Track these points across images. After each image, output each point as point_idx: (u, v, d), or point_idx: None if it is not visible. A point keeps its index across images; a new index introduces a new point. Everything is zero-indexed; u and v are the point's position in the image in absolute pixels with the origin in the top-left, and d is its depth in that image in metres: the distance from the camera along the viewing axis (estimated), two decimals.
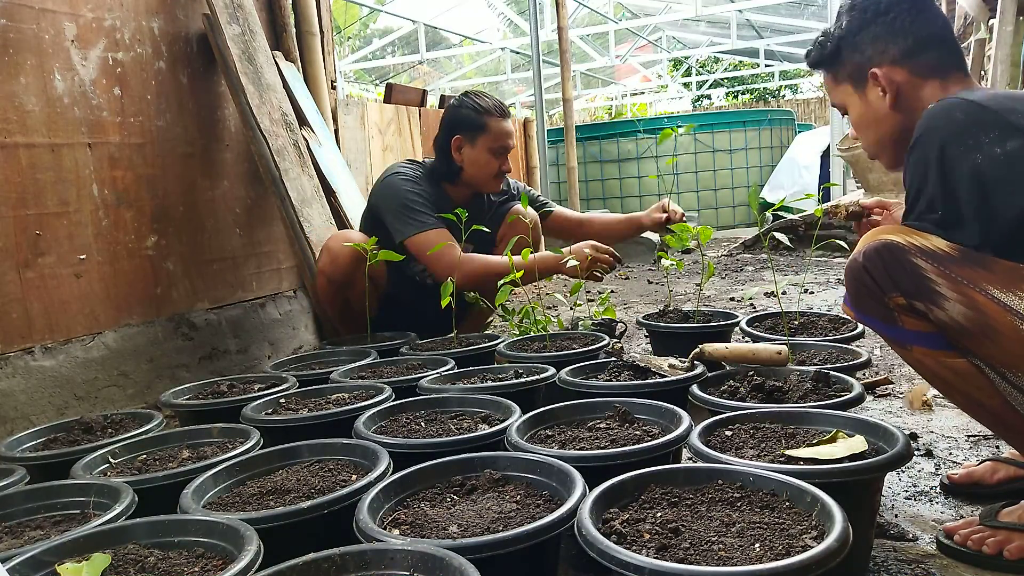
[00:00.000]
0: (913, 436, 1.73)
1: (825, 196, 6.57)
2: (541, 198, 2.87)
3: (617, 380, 1.66)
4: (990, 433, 1.73)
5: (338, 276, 2.42)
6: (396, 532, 1.02)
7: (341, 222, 2.94)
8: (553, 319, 2.44)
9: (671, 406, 1.37)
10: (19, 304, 2.06)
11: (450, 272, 2.20)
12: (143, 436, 1.50)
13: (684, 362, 1.65)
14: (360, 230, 2.59)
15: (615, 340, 2.15)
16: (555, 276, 2.99)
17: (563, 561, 1.10)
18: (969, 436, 1.72)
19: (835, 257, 4.97)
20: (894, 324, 1.15)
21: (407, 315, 2.49)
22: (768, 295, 3.56)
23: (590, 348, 1.94)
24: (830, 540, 0.84)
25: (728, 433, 1.28)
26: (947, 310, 1.07)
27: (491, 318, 2.91)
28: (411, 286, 2.55)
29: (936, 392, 2.00)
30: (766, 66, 14.52)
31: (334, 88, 3.50)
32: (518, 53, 12.27)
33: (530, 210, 2.57)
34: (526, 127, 5.78)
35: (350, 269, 2.39)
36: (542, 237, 2.45)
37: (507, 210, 2.65)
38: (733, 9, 10.32)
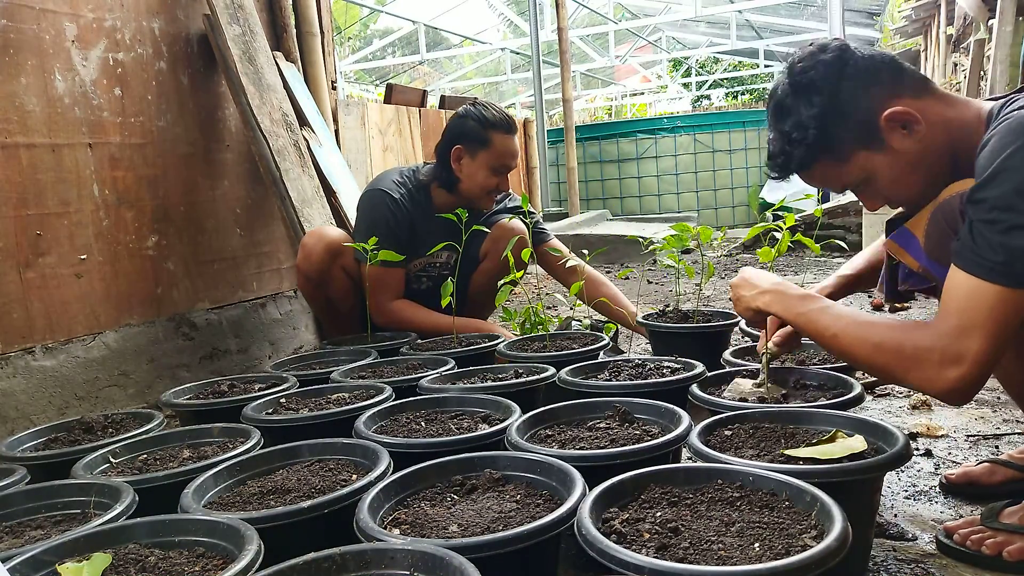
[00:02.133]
0: (913, 436, 1.74)
1: (824, 196, 6.57)
2: (536, 217, 2.62)
3: (616, 380, 1.66)
4: (989, 433, 1.73)
5: (312, 272, 2.38)
6: (396, 532, 1.02)
7: (341, 222, 2.95)
8: (553, 319, 2.45)
9: (671, 406, 1.37)
10: (20, 304, 2.06)
11: (379, 313, 2.31)
12: (144, 436, 1.50)
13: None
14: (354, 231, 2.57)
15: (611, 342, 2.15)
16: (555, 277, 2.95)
17: (563, 561, 1.10)
18: (968, 436, 1.72)
19: (834, 257, 4.97)
20: None
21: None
22: None
23: (590, 348, 1.94)
24: (829, 540, 0.84)
25: (728, 433, 1.28)
26: None
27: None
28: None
29: None
30: (766, 66, 14.54)
31: (334, 88, 3.50)
32: (518, 53, 12.28)
33: (517, 223, 2.47)
34: (526, 127, 5.79)
35: (323, 265, 2.36)
36: (530, 251, 2.32)
37: (494, 222, 2.51)
38: (733, 10, 10.33)
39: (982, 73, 5.62)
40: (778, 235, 1.78)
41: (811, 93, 1.20)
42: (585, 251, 2.39)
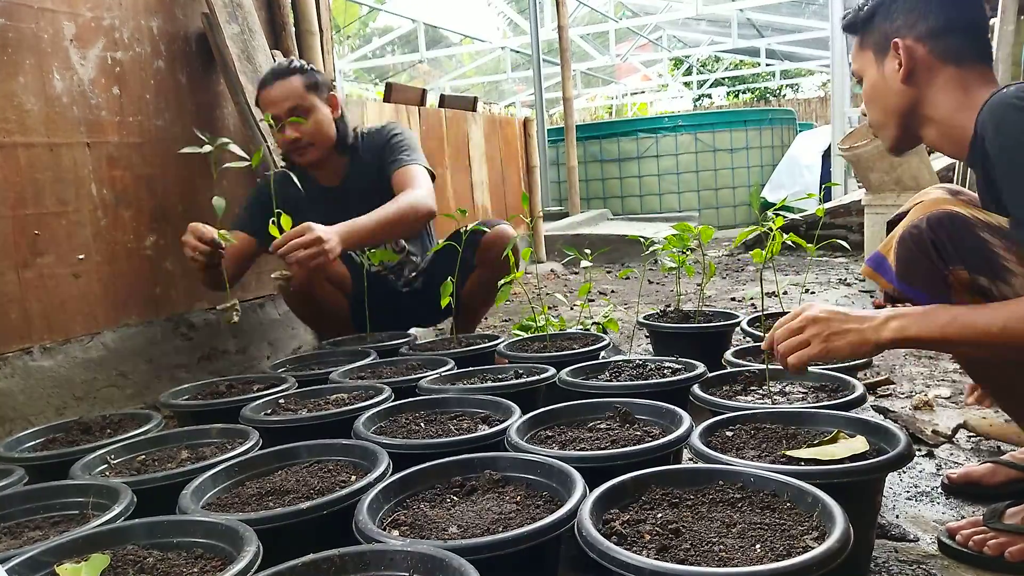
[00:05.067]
0: (914, 437, 1.73)
1: (826, 195, 6.57)
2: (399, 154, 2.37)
3: (617, 380, 1.65)
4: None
5: (295, 287, 2.25)
6: (396, 533, 1.02)
7: None
8: (554, 319, 2.44)
9: (672, 406, 1.37)
10: (17, 304, 2.05)
11: None
12: (142, 436, 1.50)
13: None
14: None
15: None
16: (555, 276, 2.94)
17: (563, 562, 1.10)
18: (970, 436, 1.71)
19: (836, 257, 4.97)
20: (945, 300, 1.09)
21: (374, 315, 2.34)
22: (770, 295, 3.55)
23: (590, 348, 1.93)
24: (831, 541, 0.84)
25: (729, 434, 1.27)
26: (1014, 286, 1.03)
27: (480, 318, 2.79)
28: (370, 287, 2.41)
29: (939, 393, 2.00)
30: (767, 65, 14.53)
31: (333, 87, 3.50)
32: (518, 52, 12.27)
33: (503, 227, 2.31)
34: (526, 126, 5.78)
35: (301, 280, 2.24)
36: (513, 250, 2.22)
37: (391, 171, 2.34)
38: (734, 8, 10.32)
39: None
40: (782, 234, 1.78)
41: None
42: (588, 251, 2.38)
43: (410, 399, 1.58)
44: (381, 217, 2.11)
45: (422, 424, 1.47)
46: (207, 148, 1.90)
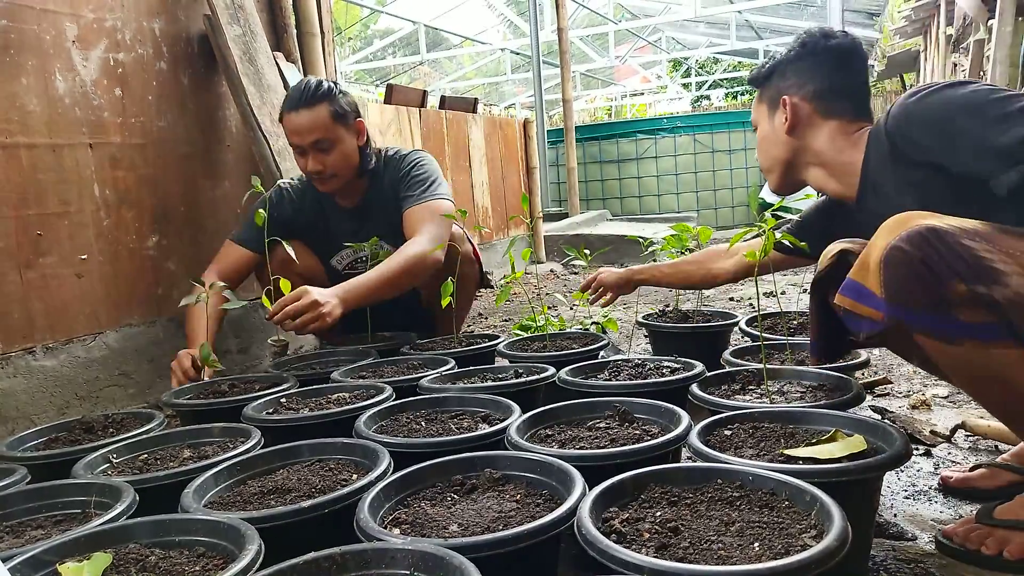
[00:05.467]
0: (912, 437, 1.74)
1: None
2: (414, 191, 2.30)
3: (616, 380, 1.66)
4: None
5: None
6: (396, 531, 1.02)
7: None
8: (554, 318, 2.45)
9: (671, 406, 1.37)
10: (20, 304, 2.06)
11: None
12: (144, 436, 1.51)
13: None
14: None
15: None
16: (555, 276, 2.95)
17: (563, 560, 1.10)
18: (968, 436, 1.72)
19: None
20: (947, 316, 1.04)
21: (348, 319, 2.23)
22: (767, 295, 3.56)
23: (590, 348, 1.94)
24: (829, 539, 0.85)
25: (727, 432, 1.28)
26: (1011, 285, 1.00)
27: (464, 320, 2.76)
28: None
29: (936, 393, 2.01)
30: None
31: None
32: (518, 54, 12.28)
33: (432, 254, 2.12)
34: (526, 127, 5.79)
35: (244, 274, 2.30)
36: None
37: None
38: (732, 10, 10.34)
39: (981, 73, 5.62)
40: (776, 233, 1.78)
41: (795, 45, 1.52)
42: (587, 251, 2.39)
43: (411, 398, 1.59)
44: (383, 274, 2.05)
45: (423, 423, 1.48)
46: (201, 297, 1.88)
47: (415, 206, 2.24)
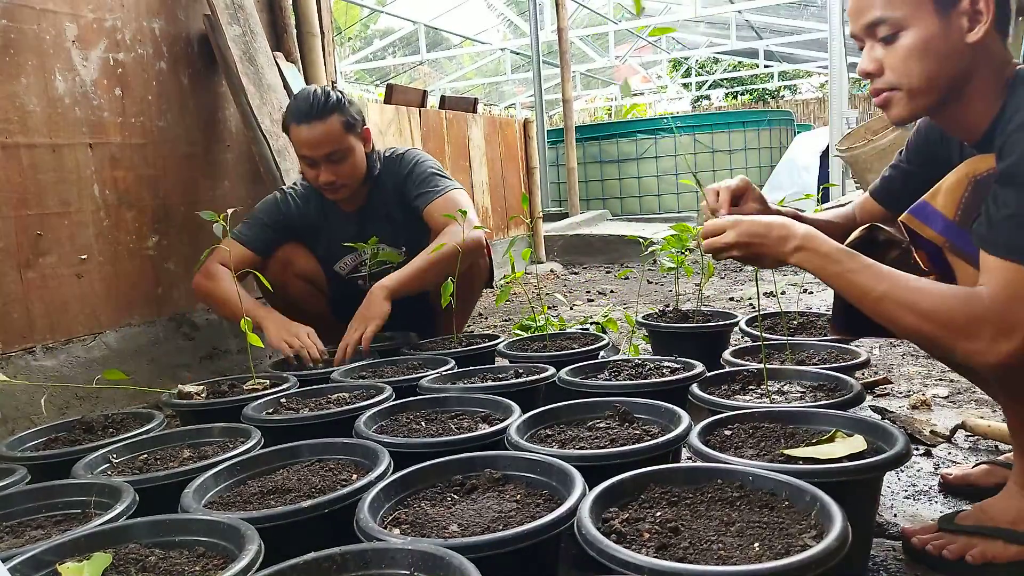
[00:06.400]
0: (912, 437, 1.74)
1: (824, 196, 6.57)
2: (425, 189, 2.29)
3: (616, 380, 1.66)
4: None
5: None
6: (396, 531, 1.02)
7: None
8: (554, 319, 2.45)
9: (671, 406, 1.37)
10: (20, 304, 2.06)
11: (198, 280, 2.17)
12: (144, 436, 1.51)
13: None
14: None
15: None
16: (554, 276, 2.95)
17: (563, 560, 1.10)
18: (968, 436, 1.72)
19: None
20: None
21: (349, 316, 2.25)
22: (767, 295, 3.56)
23: (590, 348, 1.94)
24: (829, 539, 0.85)
25: (727, 433, 1.28)
26: None
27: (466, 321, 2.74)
28: (346, 291, 2.41)
29: (936, 393, 2.01)
30: (765, 67, 14.55)
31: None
32: (518, 54, 12.28)
33: (472, 232, 2.12)
34: (526, 127, 5.79)
35: (274, 277, 2.24)
36: (487, 260, 2.25)
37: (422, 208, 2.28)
38: (732, 10, 10.34)
39: None
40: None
41: None
42: (585, 256, 2.39)
43: (411, 398, 1.59)
44: (430, 260, 2.09)
45: (423, 423, 1.48)
46: (221, 223, 1.83)
47: (436, 200, 2.25)
